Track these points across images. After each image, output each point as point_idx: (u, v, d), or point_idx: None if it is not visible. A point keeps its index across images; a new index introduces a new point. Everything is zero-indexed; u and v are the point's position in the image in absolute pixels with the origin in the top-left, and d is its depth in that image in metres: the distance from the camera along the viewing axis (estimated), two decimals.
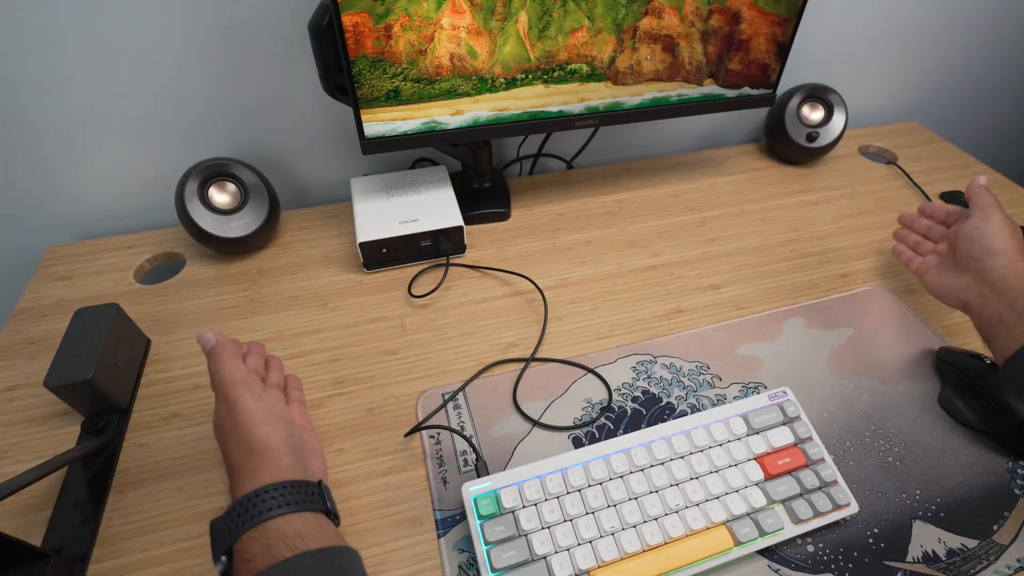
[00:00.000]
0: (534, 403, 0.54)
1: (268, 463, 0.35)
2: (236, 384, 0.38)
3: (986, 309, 0.48)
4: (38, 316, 0.61)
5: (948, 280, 0.52)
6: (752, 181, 0.84)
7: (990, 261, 0.49)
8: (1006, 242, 0.49)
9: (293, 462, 0.36)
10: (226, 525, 0.33)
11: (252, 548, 0.31)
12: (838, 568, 0.43)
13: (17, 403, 0.53)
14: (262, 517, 0.32)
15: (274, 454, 0.36)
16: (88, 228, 0.74)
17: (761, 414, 0.49)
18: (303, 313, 0.62)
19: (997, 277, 0.48)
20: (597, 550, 0.41)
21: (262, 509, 0.33)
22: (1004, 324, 0.46)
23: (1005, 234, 0.49)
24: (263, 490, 0.33)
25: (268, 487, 0.34)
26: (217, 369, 0.39)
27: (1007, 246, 0.49)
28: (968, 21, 0.93)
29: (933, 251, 0.57)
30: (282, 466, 0.36)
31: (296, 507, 0.33)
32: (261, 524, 0.32)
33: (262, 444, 0.36)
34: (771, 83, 0.72)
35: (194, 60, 0.64)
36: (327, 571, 0.30)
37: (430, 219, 0.66)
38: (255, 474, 0.35)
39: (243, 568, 0.31)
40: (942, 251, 0.56)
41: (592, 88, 0.65)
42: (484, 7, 0.56)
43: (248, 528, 0.32)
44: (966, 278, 0.50)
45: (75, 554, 0.43)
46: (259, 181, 0.67)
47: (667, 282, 0.67)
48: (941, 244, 0.57)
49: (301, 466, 0.37)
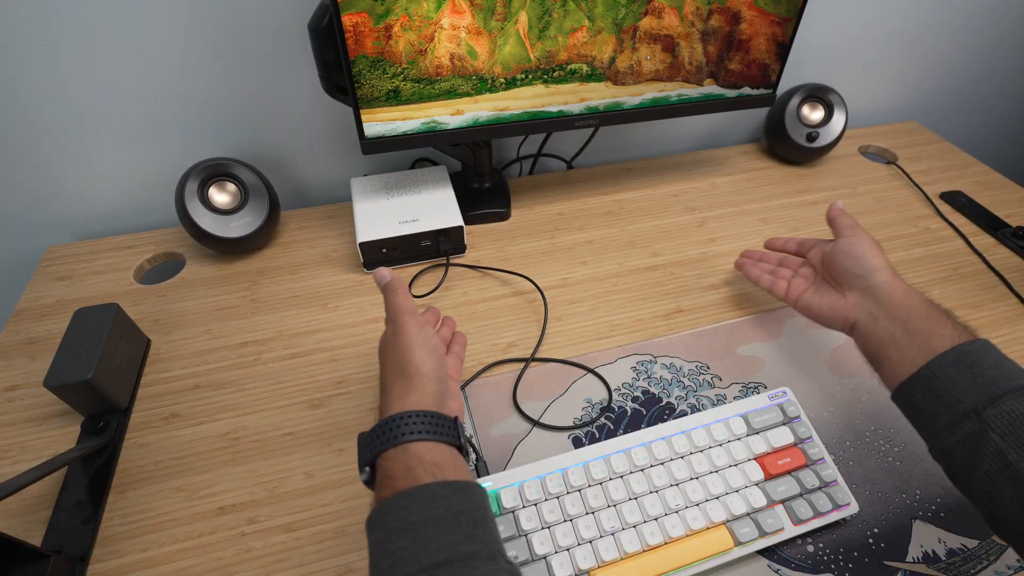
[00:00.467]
0: (534, 403, 0.54)
1: (415, 387, 0.39)
2: (405, 312, 0.42)
3: (876, 328, 0.46)
4: (38, 316, 0.61)
5: (831, 301, 0.51)
6: (752, 181, 0.84)
7: (874, 278, 0.48)
8: (882, 258, 0.49)
9: (438, 391, 0.40)
10: (372, 440, 0.36)
11: (394, 467, 0.34)
12: (838, 568, 0.43)
13: (17, 403, 0.53)
14: (404, 439, 0.35)
15: (422, 379, 0.39)
16: (88, 228, 0.74)
17: (761, 414, 0.49)
18: (303, 313, 0.62)
19: (884, 295, 0.47)
20: (597, 550, 0.41)
21: (405, 432, 0.35)
22: (896, 344, 0.44)
23: (878, 251, 0.50)
24: (408, 414, 0.36)
25: (412, 412, 0.37)
26: (392, 299, 0.43)
27: (883, 262, 0.49)
28: (968, 21, 0.93)
29: (797, 276, 0.56)
30: (427, 392, 0.39)
31: (435, 436, 0.36)
32: (403, 445, 0.35)
33: (414, 368, 0.40)
34: (771, 83, 0.72)
35: (194, 60, 0.64)
36: (461, 502, 0.33)
37: (430, 219, 0.66)
38: (404, 395, 0.38)
39: (385, 483, 0.34)
40: (807, 275, 0.55)
41: (592, 88, 0.65)
42: (484, 7, 0.56)
43: (391, 446, 0.35)
44: (852, 297, 0.49)
45: (75, 554, 0.43)
46: (259, 181, 0.67)
47: (667, 282, 0.67)
48: (803, 269, 0.56)
49: (442, 398, 0.40)
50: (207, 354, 0.58)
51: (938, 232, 0.75)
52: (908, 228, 0.76)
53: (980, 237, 0.74)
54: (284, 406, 0.53)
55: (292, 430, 0.51)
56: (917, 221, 0.77)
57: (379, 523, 0.32)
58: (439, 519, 0.31)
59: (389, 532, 0.31)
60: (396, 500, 0.32)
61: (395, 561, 0.30)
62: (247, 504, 0.46)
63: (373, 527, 0.32)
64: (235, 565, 0.43)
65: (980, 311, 0.64)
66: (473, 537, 0.32)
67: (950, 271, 0.69)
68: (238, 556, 0.43)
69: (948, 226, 0.76)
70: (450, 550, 0.30)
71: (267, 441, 0.51)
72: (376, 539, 0.32)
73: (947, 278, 0.68)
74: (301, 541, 0.44)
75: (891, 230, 0.75)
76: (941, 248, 0.73)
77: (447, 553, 0.30)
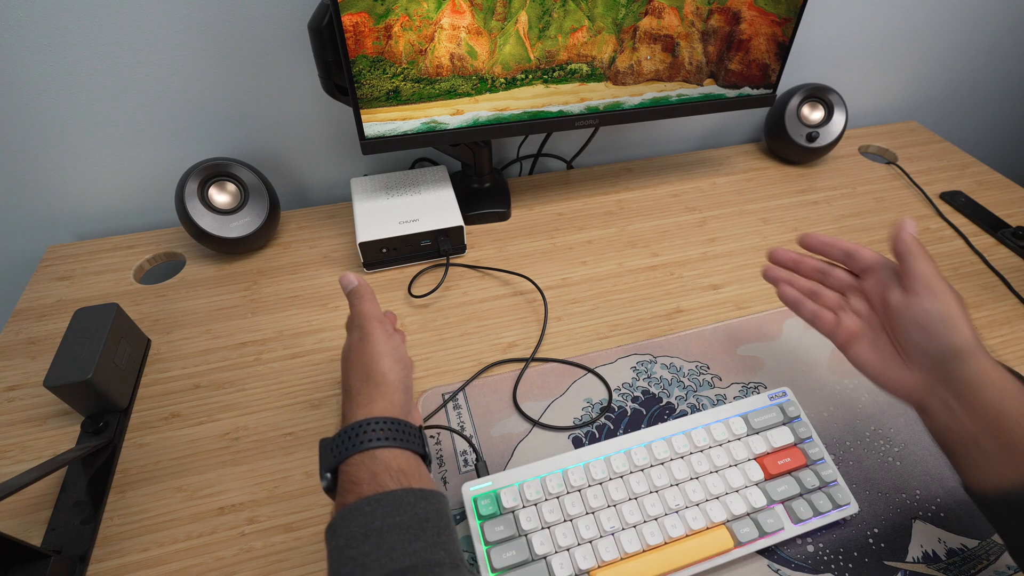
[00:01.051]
0: (534, 403, 0.54)
1: (383, 395, 0.38)
2: (372, 319, 0.41)
3: (953, 424, 0.37)
4: (38, 316, 0.61)
5: (892, 369, 0.40)
6: (752, 181, 0.84)
7: (956, 365, 0.37)
8: (967, 334, 0.36)
9: (404, 401, 0.39)
10: (336, 445, 0.35)
11: (359, 472, 0.34)
12: (838, 568, 0.43)
13: (17, 403, 0.53)
14: (371, 445, 0.34)
15: (390, 388, 0.38)
16: (88, 228, 0.74)
17: (761, 414, 0.49)
18: (303, 313, 0.62)
19: (967, 387, 0.36)
20: (597, 550, 0.41)
21: (372, 438, 0.35)
22: (980, 450, 0.36)
23: (964, 321, 0.37)
24: (375, 420, 0.36)
25: (380, 419, 0.36)
26: (358, 304, 0.43)
27: (970, 341, 0.36)
28: (968, 21, 0.93)
29: (850, 310, 0.43)
30: (394, 401, 0.38)
31: (402, 444, 0.35)
32: (370, 451, 0.34)
33: (382, 376, 0.39)
34: (771, 83, 0.72)
35: (195, 60, 0.64)
36: (426, 510, 0.32)
37: (430, 219, 0.66)
38: (370, 403, 0.37)
39: (349, 489, 0.33)
40: (861, 312, 0.43)
41: (592, 88, 0.65)
42: (484, 7, 0.56)
43: (357, 452, 0.34)
44: (920, 376, 0.39)
45: (75, 554, 0.43)
46: (259, 181, 0.67)
47: (667, 282, 0.67)
48: (856, 300, 0.44)
49: (407, 408, 0.40)
50: (207, 354, 0.58)
51: (938, 232, 0.75)
52: None
53: (980, 237, 0.74)
54: (284, 406, 0.53)
55: (292, 430, 0.51)
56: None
57: (341, 529, 0.31)
58: (404, 525, 0.31)
59: (351, 538, 0.30)
60: (360, 505, 0.31)
61: (356, 567, 0.29)
62: (247, 504, 0.46)
63: (335, 533, 0.31)
64: (235, 565, 0.43)
65: (980, 311, 0.64)
66: (437, 545, 0.31)
67: (950, 271, 0.69)
68: (238, 556, 0.43)
69: (948, 226, 0.76)
70: (414, 557, 0.30)
71: (267, 441, 0.51)
72: (337, 545, 0.31)
73: (947, 278, 0.68)
74: (301, 541, 0.44)
75: (891, 230, 0.75)
76: (941, 248, 0.73)
77: (411, 560, 0.30)
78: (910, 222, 0.40)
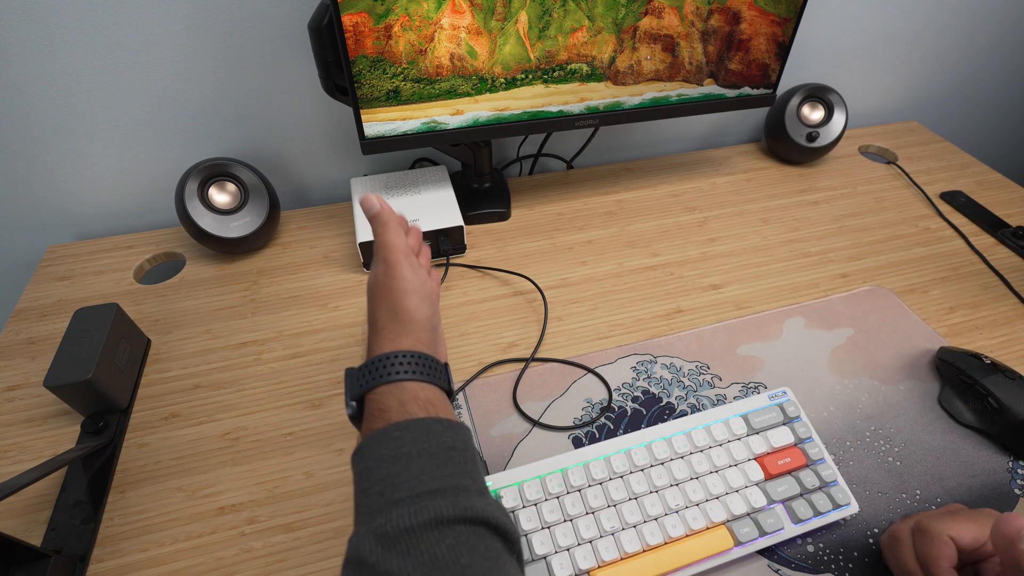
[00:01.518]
0: (534, 403, 0.54)
1: (410, 332, 0.38)
2: (399, 251, 0.40)
3: None
4: (38, 316, 0.61)
5: None
6: (752, 181, 0.84)
7: None
8: None
9: (431, 339, 0.39)
10: (364, 374, 0.35)
11: (387, 400, 0.34)
12: (838, 568, 0.43)
13: (17, 403, 0.53)
14: (399, 376, 0.35)
15: (417, 326, 0.38)
16: (88, 228, 0.74)
17: (761, 414, 0.49)
18: (303, 313, 0.62)
19: None
20: (597, 550, 0.41)
21: (399, 370, 0.35)
22: None
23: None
24: (404, 353, 0.36)
25: (409, 352, 0.36)
26: (383, 234, 0.40)
27: None
28: (968, 21, 0.93)
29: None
30: (421, 339, 0.38)
31: (429, 378, 0.36)
32: (398, 382, 0.35)
33: (409, 314, 0.38)
34: (771, 83, 0.72)
35: (195, 60, 0.64)
36: (453, 439, 0.33)
37: (430, 219, 0.66)
38: (397, 338, 0.37)
39: (377, 415, 0.33)
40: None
41: (592, 88, 0.65)
42: (484, 7, 0.56)
43: (385, 382, 0.34)
44: None
45: (75, 554, 0.43)
46: (259, 181, 0.67)
47: (667, 282, 0.67)
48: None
49: (434, 345, 0.39)
50: (207, 354, 0.58)
51: (938, 232, 0.75)
52: (908, 228, 0.76)
53: (980, 237, 0.74)
54: (284, 406, 0.53)
55: (292, 430, 0.51)
56: (917, 221, 0.77)
57: (370, 452, 0.31)
58: (433, 451, 0.31)
59: (381, 460, 0.31)
60: (389, 430, 0.32)
61: (386, 487, 0.30)
62: (247, 504, 0.46)
63: (363, 456, 0.31)
64: (235, 565, 0.43)
65: (980, 311, 0.64)
66: (464, 473, 0.31)
67: (950, 271, 0.69)
68: (238, 556, 0.43)
69: (948, 226, 0.76)
70: (443, 480, 0.30)
71: (267, 441, 0.51)
72: (366, 467, 0.31)
73: (947, 278, 0.68)
74: (301, 541, 0.44)
75: (891, 230, 0.75)
76: (941, 248, 0.73)
77: (440, 483, 0.30)
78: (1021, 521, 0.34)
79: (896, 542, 0.40)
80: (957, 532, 0.37)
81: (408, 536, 0.27)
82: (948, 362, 0.55)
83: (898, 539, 0.40)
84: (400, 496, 0.29)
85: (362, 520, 0.29)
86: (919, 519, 0.40)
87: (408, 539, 0.27)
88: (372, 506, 0.29)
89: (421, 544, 0.27)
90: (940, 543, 0.37)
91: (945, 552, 0.37)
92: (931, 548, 0.37)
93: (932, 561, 0.37)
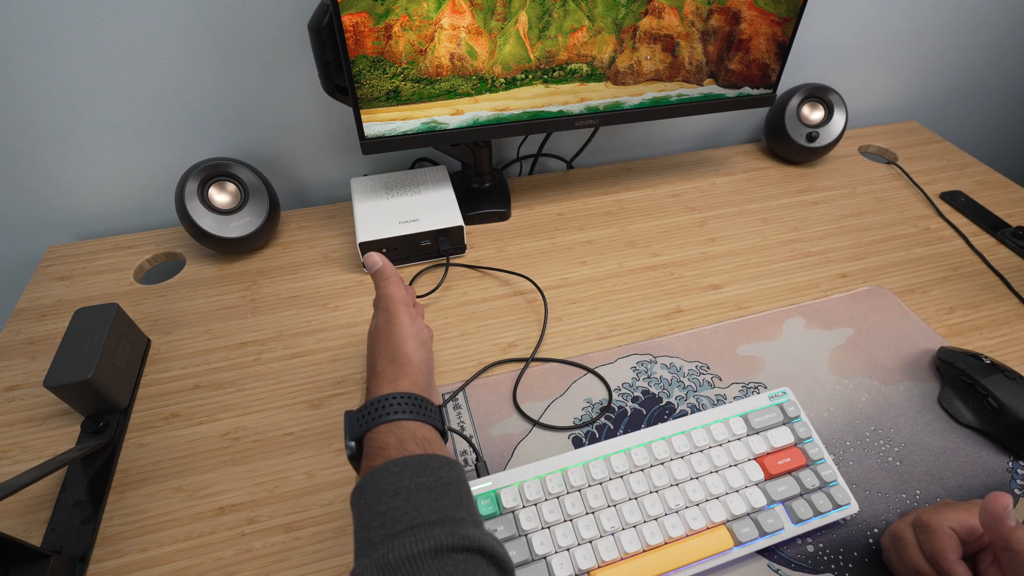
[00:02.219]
0: (534, 403, 0.54)
1: (407, 375, 0.40)
2: (399, 302, 0.44)
3: None
4: (38, 316, 0.61)
5: None
6: (752, 181, 0.84)
7: None
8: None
9: (426, 382, 0.42)
10: (363, 415, 0.37)
11: (387, 438, 0.35)
12: (838, 568, 0.43)
13: (17, 403, 0.53)
14: (398, 416, 0.37)
15: (415, 369, 0.41)
16: (88, 228, 0.74)
17: (761, 414, 0.49)
18: (303, 313, 0.62)
19: None
20: (597, 550, 0.41)
21: (399, 410, 0.37)
22: None
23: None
24: (403, 395, 0.38)
25: (407, 394, 0.38)
26: (385, 287, 0.45)
27: None
28: (968, 21, 0.93)
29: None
30: (418, 382, 0.40)
31: (425, 418, 0.38)
32: (397, 422, 0.36)
33: (407, 358, 0.41)
34: (771, 83, 0.72)
35: (195, 60, 0.64)
36: (448, 475, 0.34)
37: (430, 219, 0.66)
38: (396, 381, 0.40)
39: (376, 453, 0.35)
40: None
41: (592, 88, 0.65)
42: (484, 7, 0.56)
43: (384, 421, 0.36)
44: None
45: (75, 554, 0.43)
46: (259, 181, 0.67)
47: (667, 282, 0.67)
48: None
49: (429, 389, 0.42)
50: (207, 354, 0.58)
51: (938, 232, 0.75)
52: (908, 228, 0.76)
53: (980, 237, 0.74)
54: (284, 406, 0.53)
55: (292, 430, 0.51)
56: (917, 221, 0.77)
57: (371, 487, 0.33)
58: (431, 485, 0.33)
59: (381, 495, 0.32)
60: (389, 466, 0.33)
61: (387, 520, 0.31)
62: (247, 504, 0.46)
63: (363, 491, 0.33)
64: (235, 565, 0.43)
65: (980, 311, 0.64)
66: (460, 506, 0.33)
67: (950, 271, 0.69)
68: (238, 556, 0.43)
69: (948, 226, 0.76)
70: (441, 512, 0.32)
71: (267, 441, 0.51)
72: (367, 502, 0.32)
73: (947, 278, 0.68)
74: (301, 541, 0.44)
75: (891, 230, 0.75)
76: (941, 248, 0.73)
77: (438, 515, 0.31)
78: (1006, 501, 0.34)
79: (900, 542, 0.40)
80: (956, 523, 0.38)
81: (409, 564, 0.28)
82: (948, 362, 0.55)
83: (902, 539, 0.40)
84: (400, 528, 0.30)
85: (363, 552, 0.31)
86: (918, 515, 0.40)
87: (409, 567, 0.28)
88: (373, 539, 0.31)
89: (422, 572, 0.28)
90: (944, 536, 0.38)
91: (951, 544, 0.38)
92: (937, 542, 0.38)
93: (940, 555, 0.37)
